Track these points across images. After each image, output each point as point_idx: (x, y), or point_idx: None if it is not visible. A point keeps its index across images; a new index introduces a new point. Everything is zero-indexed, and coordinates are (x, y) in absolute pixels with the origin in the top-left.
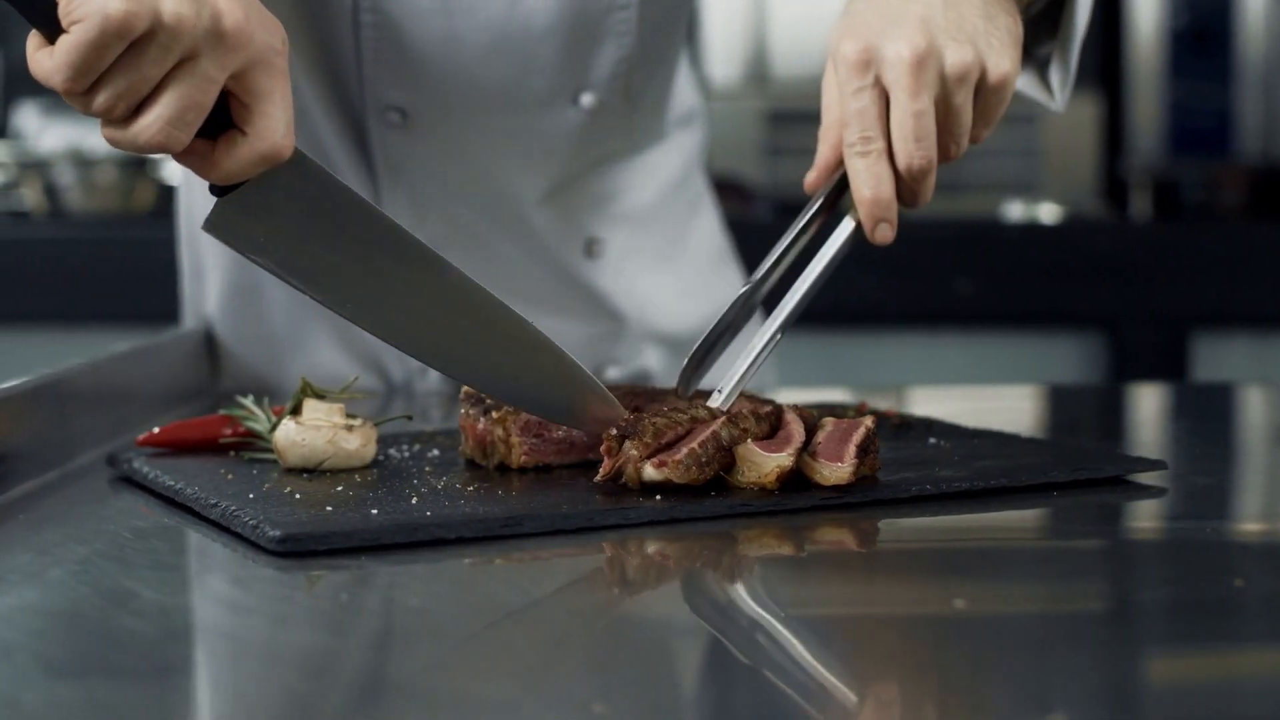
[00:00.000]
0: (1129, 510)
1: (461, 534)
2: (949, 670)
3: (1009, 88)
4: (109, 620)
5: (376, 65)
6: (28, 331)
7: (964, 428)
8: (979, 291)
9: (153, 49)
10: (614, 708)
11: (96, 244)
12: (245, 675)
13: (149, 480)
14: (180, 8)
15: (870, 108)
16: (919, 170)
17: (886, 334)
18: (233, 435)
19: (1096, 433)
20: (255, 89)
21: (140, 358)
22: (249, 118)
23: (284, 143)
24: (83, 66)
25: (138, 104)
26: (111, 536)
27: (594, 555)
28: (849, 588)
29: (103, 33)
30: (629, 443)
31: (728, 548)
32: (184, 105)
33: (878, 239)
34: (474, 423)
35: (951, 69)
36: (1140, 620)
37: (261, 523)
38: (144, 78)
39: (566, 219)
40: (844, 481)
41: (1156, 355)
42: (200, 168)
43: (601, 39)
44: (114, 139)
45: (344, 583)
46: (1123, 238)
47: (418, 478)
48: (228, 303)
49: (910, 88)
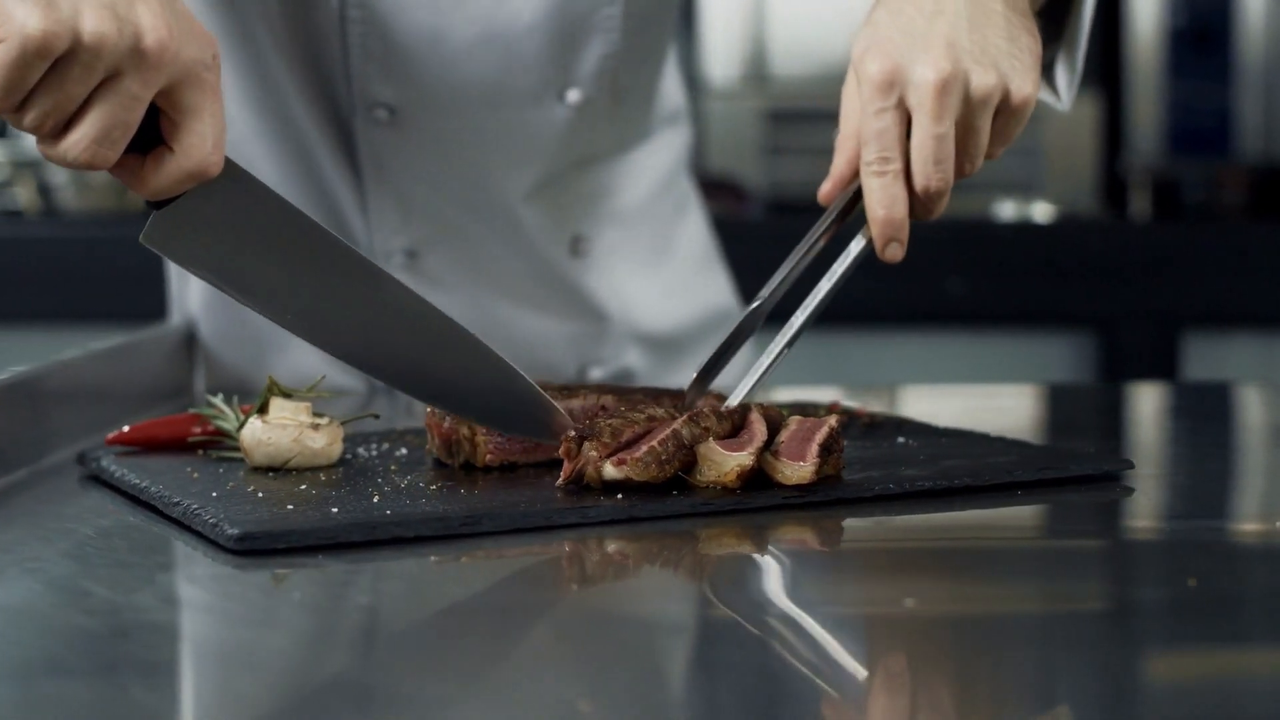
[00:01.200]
0: (1091, 510)
1: (420, 532)
2: (900, 669)
3: (1029, 109)
4: (57, 618)
5: (363, 61)
6: (22, 330)
7: (934, 427)
8: (971, 291)
9: (75, 68)
10: (556, 705)
11: (90, 243)
12: (186, 673)
13: (115, 479)
14: (101, 26)
15: (891, 129)
16: (935, 192)
17: (879, 333)
18: (202, 434)
19: (1079, 432)
20: (183, 105)
21: (121, 356)
22: (176, 134)
23: (212, 159)
24: (8, 85)
25: (66, 121)
26: (73, 534)
27: (553, 554)
28: (808, 586)
29: (23, 52)
30: (587, 444)
31: (688, 546)
32: (109, 124)
33: (888, 257)
34: (439, 421)
35: (976, 93)
36: (1084, 621)
37: (221, 521)
38: (68, 96)
39: (553, 217)
40: (806, 480)
41: (1148, 355)
42: (131, 183)
43: (588, 35)
44: (47, 154)
45: (298, 581)
46: (1113, 237)
47: (382, 476)
48: (210, 302)
49: (934, 112)
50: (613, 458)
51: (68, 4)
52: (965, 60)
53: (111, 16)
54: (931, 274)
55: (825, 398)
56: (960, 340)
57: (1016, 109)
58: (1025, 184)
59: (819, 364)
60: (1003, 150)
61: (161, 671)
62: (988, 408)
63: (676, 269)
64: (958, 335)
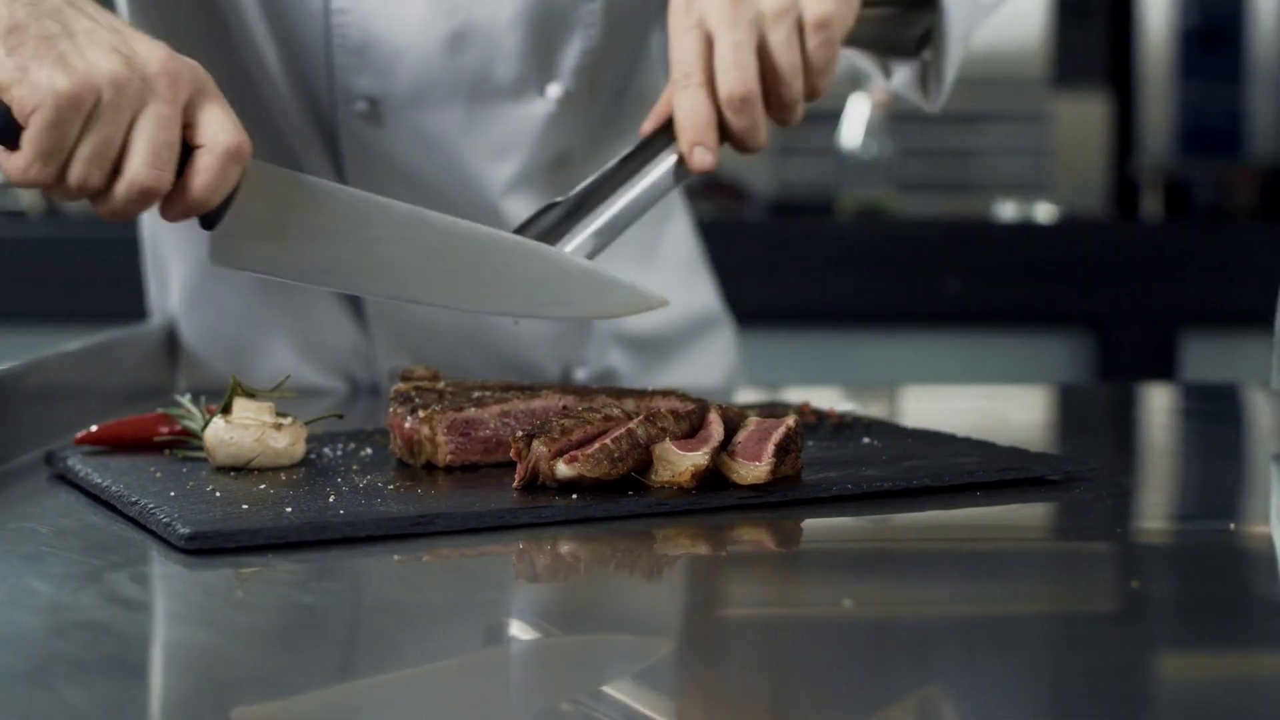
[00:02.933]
0: (1046, 512)
1: (372, 532)
2: (818, 670)
3: (831, 29)
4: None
5: (344, 54)
6: (25, 330)
7: (901, 427)
8: (969, 290)
9: (105, 112)
10: (474, 708)
11: (92, 243)
12: (113, 671)
13: (79, 478)
14: (115, 67)
15: (694, 46)
16: (738, 98)
17: (877, 333)
18: (169, 434)
19: (1074, 432)
20: (198, 110)
21: (97, 356)
22: (200, 133)
23: (242, 138)
24: (50, 149)
25: (111, 167)
26: (30, 534)
27: (506, 554)
28: (753, 587)
29: (57, 109)
30: (536, 442)
31: (639, 546)
32: (155, 146)
33: (696, 163)
34: (401, 421)
35: (768, 6)
36: (1029, 623)
37: (174, 520)
38: (107, 140)
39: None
40: (761, 481)
41: (1145, 355)
42: (181, 203)
43: (568, 30)
44: (106, 210)
45: (243, 580)
46: (1111, 237)
47: (342, 477)
48: (190, 303)
49: (727, 21)
50: (564, 455)
51: (78, 59)
52: None
53: (119, 58)
54: (929, 274)
55: (826, 400)
56: (959, 340)
57: (815, 26)
58: (1034, 184)
59: (819, 364)
60: (824, 82)
61: (89, 670)
62: (975, 409)
63: (661, 273)
64: (956, 335)
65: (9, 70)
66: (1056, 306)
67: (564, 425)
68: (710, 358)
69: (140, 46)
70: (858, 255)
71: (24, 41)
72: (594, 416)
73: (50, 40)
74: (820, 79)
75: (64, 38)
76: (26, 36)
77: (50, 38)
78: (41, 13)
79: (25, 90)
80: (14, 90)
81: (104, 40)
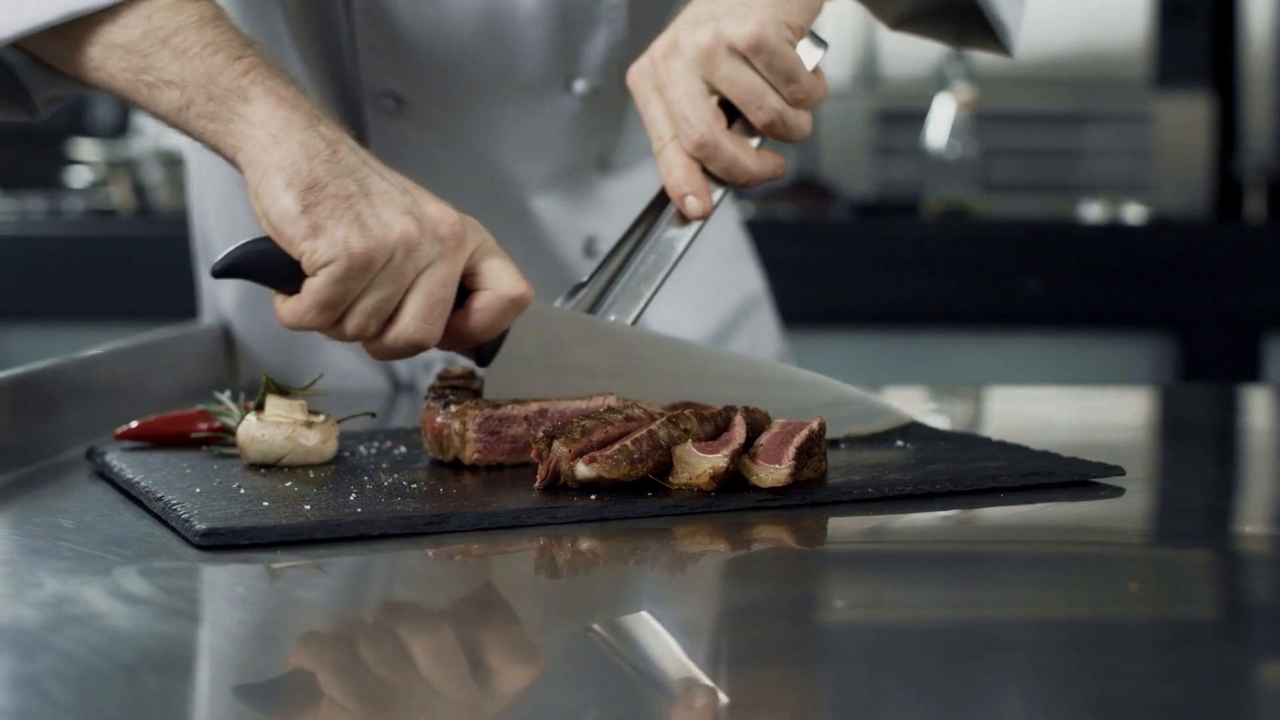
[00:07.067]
0: (1066, 515)
1: (385, 531)
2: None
3: (765, 42)
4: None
5: (369, 50)
6: (116, 328)
7: (937, 430)
8: (1048, 291)
9: (391, 271)
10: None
11: (183, 241)
12: (100, 665)
13: (113, 473)
14: (408, 229)
15: (657, 108)
16: (697, 145)
17: (958, 333)
18: (207, 430)
19: (1088, 436)
20: (480, 260)
21: (147, 354)
22: (484, 280)
23: (526, 287)
24: (333, 301)
25: (388, 319)
26: (52, 528)
27: (523, 554)
28: (753, 587)
29: (349, 268)
30: (557, 442)
31: (658, 545)
32: (429, 304)
33: (689, 211)
34: (434, 416)
35: (696, 50)
36: (1020, 630)
37: (192, 516)
38: (388, 297)
39: (566, 215)
40: (781, 484)
41: (1228, 357)
42: (454, 342)
43: (592, 24)
44: (375, 352)
45: (247, 576)
46: (1196, 238)
47: (369, 474)
48: (242, 302)
49: (667, 78)
50: (584, 456)
51: (374, 219)
52: (679, 29)
53: (412, 220)
54: (1009, 275)
55: (903, 399)
56: (1037, 341)
57: (747, 49)
58: (1134, 186)
59: (894, 365)
60: (801, 86)
61: (77, 663)
62: (1071, 409)
63: (693, 274)
64: (1035, 336)
65: (303, 227)
66: (1138, 308)
67: (585, 425)
68: (754, 345)
69: (430, 208)
70: (938, 256)
71: (321, 200)
72: (615, 418)
73: (349, 200)
74: (792, 86)
75: (360, 197)
76: (324, 195)
77: (348, 197)
78: (339, 171)
79: (320, 245)
80: (304, 244)
81: (397, 202)
